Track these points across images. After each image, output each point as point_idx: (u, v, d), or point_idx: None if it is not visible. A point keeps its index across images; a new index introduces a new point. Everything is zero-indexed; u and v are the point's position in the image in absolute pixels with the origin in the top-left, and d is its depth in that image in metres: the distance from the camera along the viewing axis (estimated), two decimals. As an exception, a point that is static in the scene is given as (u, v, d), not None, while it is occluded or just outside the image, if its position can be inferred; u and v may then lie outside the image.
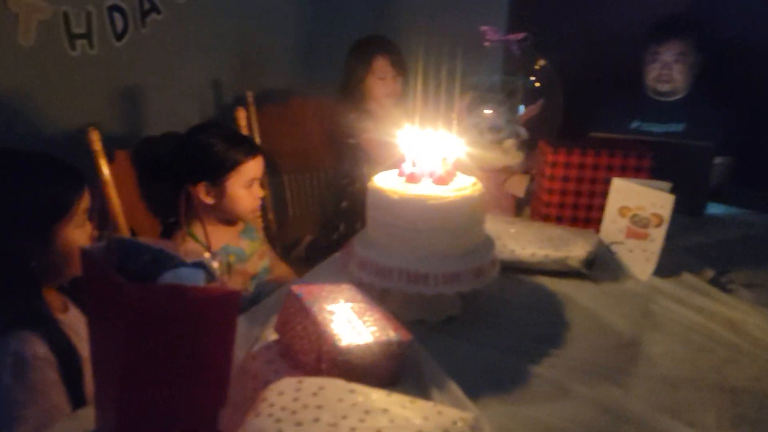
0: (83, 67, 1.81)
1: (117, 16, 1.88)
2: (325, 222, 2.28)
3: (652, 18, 2.20)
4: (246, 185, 1.49)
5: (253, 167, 1.50)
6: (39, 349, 0.94)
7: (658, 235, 1.30)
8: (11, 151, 1.04)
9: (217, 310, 0.68)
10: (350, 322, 0.90)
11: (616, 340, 1.10)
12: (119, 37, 1.90)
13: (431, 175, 1.09)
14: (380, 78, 1.95)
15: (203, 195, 1.47)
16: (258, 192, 1.53)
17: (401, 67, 1.98)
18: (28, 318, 0.96)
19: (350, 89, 2.08)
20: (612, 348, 1.07)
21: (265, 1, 2.38)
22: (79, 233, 1.04)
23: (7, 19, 1.61)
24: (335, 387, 0.78)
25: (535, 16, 2.53)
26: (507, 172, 1.57)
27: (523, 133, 1.57)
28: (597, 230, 1.40)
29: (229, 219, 1.55)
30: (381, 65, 1.93)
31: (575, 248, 1.31)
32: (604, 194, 1.40)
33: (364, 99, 2.06)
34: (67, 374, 0.97)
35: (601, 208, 1.40)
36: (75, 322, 1.07)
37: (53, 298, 1.08)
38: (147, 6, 1.96)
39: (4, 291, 0.96)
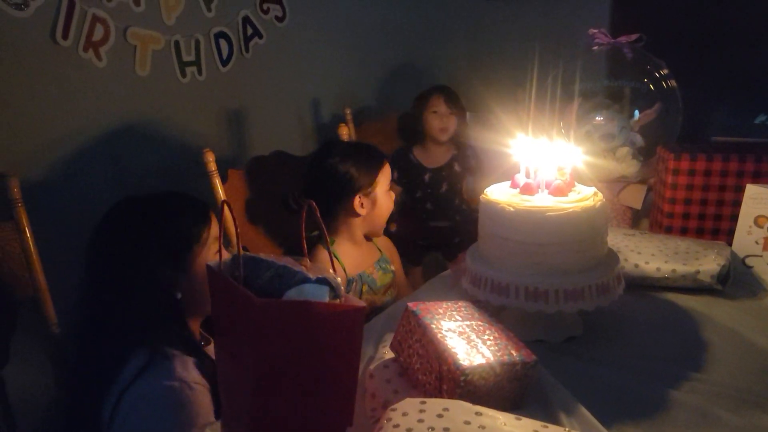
0: (193, 93, 1.90)
1: (223, 42, 1.96)
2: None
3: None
4: (387, 189, 1.52)
5: (389, 169, 1.53)
6: (196, 375, 0.98)
7: (802, 247, 1.18)
8: (143, 196, 1.10)
9: (342, 326, 0.67)
10: (470, 341, 0.86)
11: (763, 363, 0.99)
12: (225, 62, 1.98)
13: (547, 185, 1.04)
14: (434, 111, 2.15)
15: (357, 207, 1.47)
16: (392, 195, 1.55)
17: (455, 107, 2.17)
18: (183, 346, 1.01)
19: (409, 124, 2.25)
20: (759, 371, 0.96)
21: (358, 20, 2.41)
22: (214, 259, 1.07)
23: (126, 51, 1.71)
24: (460, 409, 0.74)
25: (641, 17, 2.40)
26: (622, 182, 1.48)
27: (639, 140, 1.48)
28: (728, 242, 1.29)
29: (371, 232, 1.55)
30: (435, 101, 2.16)
31: (705, 262, 1.20)
32: (735, 203, 1.29)
33: (421, 135, 2.21)
34: (214, 400, 1.01)
35: (732, 218, 1.30)
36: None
37: (198, 332, 1.13)
38: (250, 31, 2.03)
39: (157, 322, 1.01)
